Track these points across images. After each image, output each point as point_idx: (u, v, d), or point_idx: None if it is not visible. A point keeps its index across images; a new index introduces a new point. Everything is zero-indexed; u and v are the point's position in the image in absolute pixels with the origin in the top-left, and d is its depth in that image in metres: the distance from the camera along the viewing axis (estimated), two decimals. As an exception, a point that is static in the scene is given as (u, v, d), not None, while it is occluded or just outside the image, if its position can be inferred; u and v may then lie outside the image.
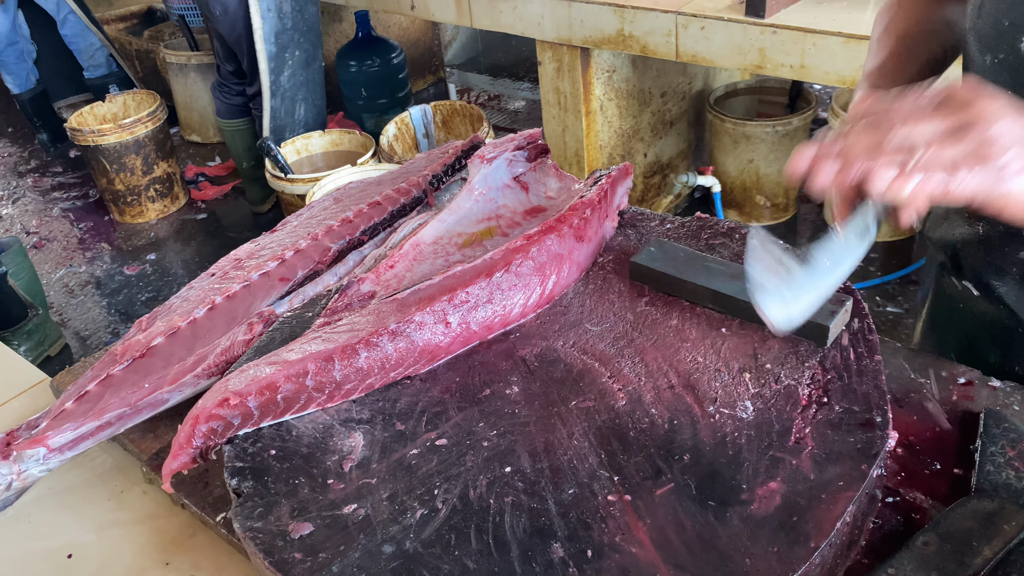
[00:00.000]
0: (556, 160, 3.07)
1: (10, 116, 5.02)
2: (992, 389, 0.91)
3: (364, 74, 3.96)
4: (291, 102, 3.19)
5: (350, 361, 0.87)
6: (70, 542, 0.91)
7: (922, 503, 0.80)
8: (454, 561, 0.71)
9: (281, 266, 1.09)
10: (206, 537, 0.90)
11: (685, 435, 0.81)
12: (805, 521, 0.71)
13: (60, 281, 3.51)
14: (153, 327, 1.05)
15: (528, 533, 0.73)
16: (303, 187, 2.99)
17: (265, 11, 2.93)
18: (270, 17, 2.96)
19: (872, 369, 0.85)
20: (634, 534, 0.72)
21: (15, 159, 4.60)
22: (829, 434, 0.79)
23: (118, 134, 3.58)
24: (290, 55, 3.09)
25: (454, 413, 0.86)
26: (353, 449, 0.83)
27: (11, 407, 1.11)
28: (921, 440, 0.86)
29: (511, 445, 0.82)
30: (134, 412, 0.95)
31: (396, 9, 3.24)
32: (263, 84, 3.08)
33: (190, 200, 3.99)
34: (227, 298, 1.05)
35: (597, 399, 0.86)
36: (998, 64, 0.88)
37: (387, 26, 4.47)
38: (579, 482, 0.77)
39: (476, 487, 0.77)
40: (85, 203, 4.08)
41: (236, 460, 0.82)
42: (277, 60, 3.05)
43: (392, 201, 1.18)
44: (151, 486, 0.97)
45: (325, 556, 0.72)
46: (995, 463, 0.80)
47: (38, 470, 0.92)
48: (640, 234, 1.11)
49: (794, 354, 0.89)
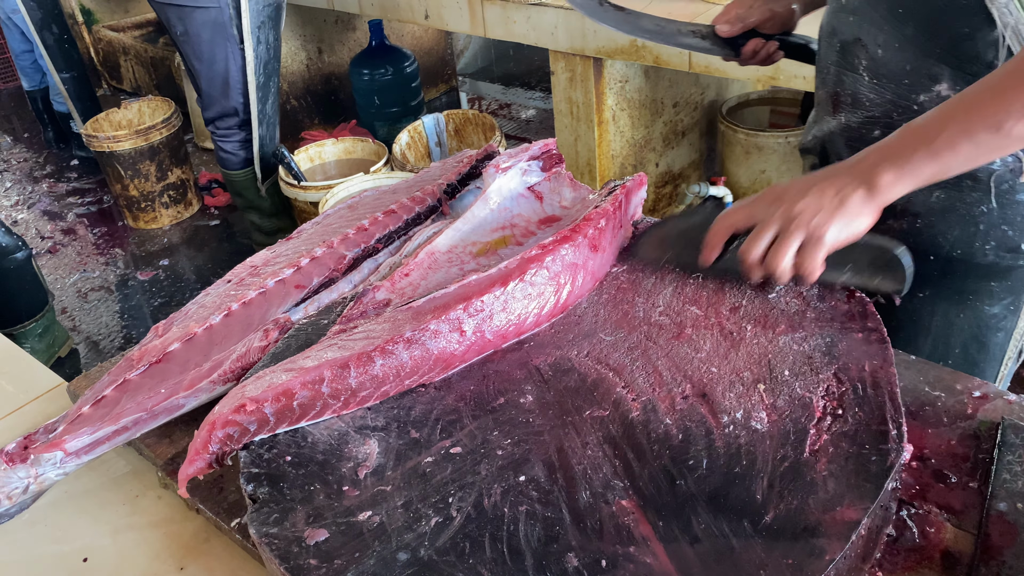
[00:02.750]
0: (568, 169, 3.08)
1: (25, 122, 5.06)
2: (1008, 403, 0.90)
3: (377, 82, 3.98)
4: (273, 128, 3.22)
5: (366, 368, 0.88)
6: (86, 546, 0.92)
7: (937, 516, 0.80)
8: (468, 569, 0.71)
9: (297, 273, 1.10)
10: (220, 542, 0.90)
11: (699, 446, 0.81)
12: (820, 533, 0.71)
13: (73, 286, 3.53)
14: (170, 333, 1.05)
15: (542, 542, 0.73)
16: (316, 194, 3.01)
17: (256, 44, 2.95)
18: (260, 50, 2.98)
19: (887, 381, 0.85)
20: (648, 544, 0.72)
21: (31, 164, 4.64)
22: (844, 446, 0.79)
23: (133, 140, 3.61)
24: (273, 84, 3.13)
25: (468, 421, 0.87)
26: (368, 456, 0.83)
27: (28, 411, 1.12)
28: (936, 453, 0.86)
29: (525, 454, 0.82)
30: (150, 417, 0.96)
31: (410, 18, 3.26)
32: (252, 115, 3.09)
33: (203, 206, 4.02)
34: (243, 305, 1.06)
35: (611, 409, 0.86)
36: None
37: (400, 35, 4.50)
38: (593, 492, 0.77)
39: (490, 495, 0.78)
40: (99, 208, 4.11)
41: (252, 466, 0.83)
42: (263, 90, 3.07)
43: (407, 210, 1.19)
44: (166, 491, 0.97)
45: (340, 563, 0.72)
46: (1012, 472, 0.80)
47: (55, 474, 0.93)
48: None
49: (808, 365, 0.89)
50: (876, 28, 1.05)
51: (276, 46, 3.09)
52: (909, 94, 1.05)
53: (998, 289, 1.13)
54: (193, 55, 3.02)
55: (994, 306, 1.14)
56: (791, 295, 0.99)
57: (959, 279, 1.12)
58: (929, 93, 1.04)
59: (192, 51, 3.01)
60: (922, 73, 1.03)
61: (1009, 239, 1.08)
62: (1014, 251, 1.08)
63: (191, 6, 2.88)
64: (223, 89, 3.05)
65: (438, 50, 4.74)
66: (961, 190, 1.06)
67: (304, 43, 4.23)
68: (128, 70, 4.99)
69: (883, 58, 1.06)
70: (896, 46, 1.04)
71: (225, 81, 3.03)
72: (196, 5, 2.87)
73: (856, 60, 1.09)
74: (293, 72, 4.22)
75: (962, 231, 1.08)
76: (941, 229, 1.09)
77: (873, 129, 1.10)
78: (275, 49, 3.08)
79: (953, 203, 1.08)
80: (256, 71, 3.00)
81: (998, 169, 1.03)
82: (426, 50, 4.65)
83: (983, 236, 1.08)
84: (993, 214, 1.07)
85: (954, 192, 1.06)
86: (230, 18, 2.89)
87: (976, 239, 1.08)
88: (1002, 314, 1.15)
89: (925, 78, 1.03)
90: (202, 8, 2.88)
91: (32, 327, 2.92)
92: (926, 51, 1.02)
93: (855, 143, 1.10)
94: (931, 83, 1.03)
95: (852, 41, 1.09)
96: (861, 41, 1.08)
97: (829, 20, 1.16)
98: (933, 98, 1.03)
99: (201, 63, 3.02)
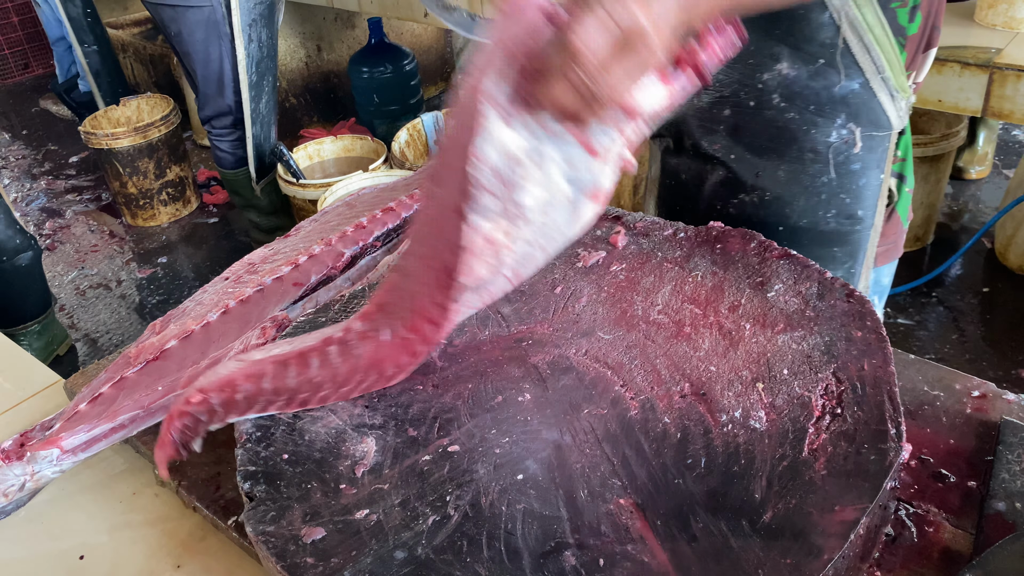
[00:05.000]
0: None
1: (25, 119, 5.06)
2: (1007, 403, 0.90)
3: (376, 80, 3.98)
4: (268, 127, 3.21)
5: (303, 370, 0.86)
6: (82, 543, 0.92)
7: (936, 516, 0.80)
8: (466, 568, 0.71)
9: (295, 271, 1.09)
10: (217, 540, 0.90)
11: (698, 444, 0.81)
12: (818, 533, 0.71)
13: (72, 283, 3.53)
14: (167, 330, 1.05)
15: (540, 541, 0.73)
16: (315, 192, 3.00)
17: (247, 42, 2.95)
18: (252, 48, 2.98)
19: (886, 381, 0.85)
20: (646, 543, 0.72)
21: (29, 161, 4.63)
22: (843, 445, 0.79)
23: (132, 138, 3.61)
24: (267, 82, 3.12)
25: (466, 420, 0.87)
26: (365, 454, 0.83)
27: (25, 408, 1.11)
28: (935, 452, 0.86)
29: (523, 452, 0.82)
30: (147, 415, 0.95)
31: (409, 16, 3.26)
32: (245, 114, 3.08)
33: (202, 204, 4.01)
34: (240, 302, 1.05)
35: (609, 407, 0.86)
36: None
37: (400, 33, 4.50)
38: (591, 490, 0.77)
39: (488, 494, 0.77)
40: (98, 206, 4.11)
41: (248, 464, 0.82)
42: (256, 88, 3.07)
43: (405, 207, 1.19)
44: (163, 489, 0.97)
45: (337, 561, 0.72)
46: (1011, 471, 0.80)
47: (51, 471, 0.93)
48: (653, 243, 1.11)
49: (807, 364, 0.88)
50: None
51: (270, 44, 3.08)
52: (754, 73, 1.12)
53: (840, 254, 1.22)
54: (188, 55, 3.02)
55: (837, 270, 1.23)
56: (790, 294, 0.98)
57: (806, 247, 1.18)
58: (771, 71, 1.11)
59: (187, 51, 3.01)
60: (765, 53, 1.10)
61: (848, 206, 1.18)
62: (852, 218, 1.19)
63: (184, 6, 2.88)
64: (218, 88, 3.05)
65: (438, 48, 4.74)
66: (804, 163, 1.15)
67: (303, 41, 4.23)
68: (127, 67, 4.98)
69: None
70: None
71: (220, 80, 3.02)
72: (189, 5, 2.87)
73: None
74: (292, 70, 4.21)
75: (807, 201, 1.17)
76: (787, 200, 1.18)
77: (724, 108, 1.16)
78: (269, 47, 3.08)
79: (797, 175, 1.16)
80: (248, 69, 2.99)
81: (835, 142, 1.13)
82: (425, 48, 4.65)
83: (825, 205, 1.17)
84: (832, 184, 1.16)
85: (798, 165, 1.15)
86: (223, 16, 2.89)
87: (819, 208, 1.18)
88: (844, 277, 1.23)
89: (767, 58, 1.10)
90: (195, 7, 2.88)
91: (32, 327, 2.91)
92: (768, 32, 1.08)
93: (707, 123, 1.18)
94: (773, 62, 1.10)
95: None
96: None
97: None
98: (775, 76, 1.11)
99: (196, 62, 3.02)
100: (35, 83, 5.56)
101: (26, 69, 5.63)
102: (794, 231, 1.19)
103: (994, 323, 2.77)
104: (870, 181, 1.17)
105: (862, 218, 1.19)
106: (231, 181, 3.31)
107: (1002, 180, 3.55)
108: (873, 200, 1.19)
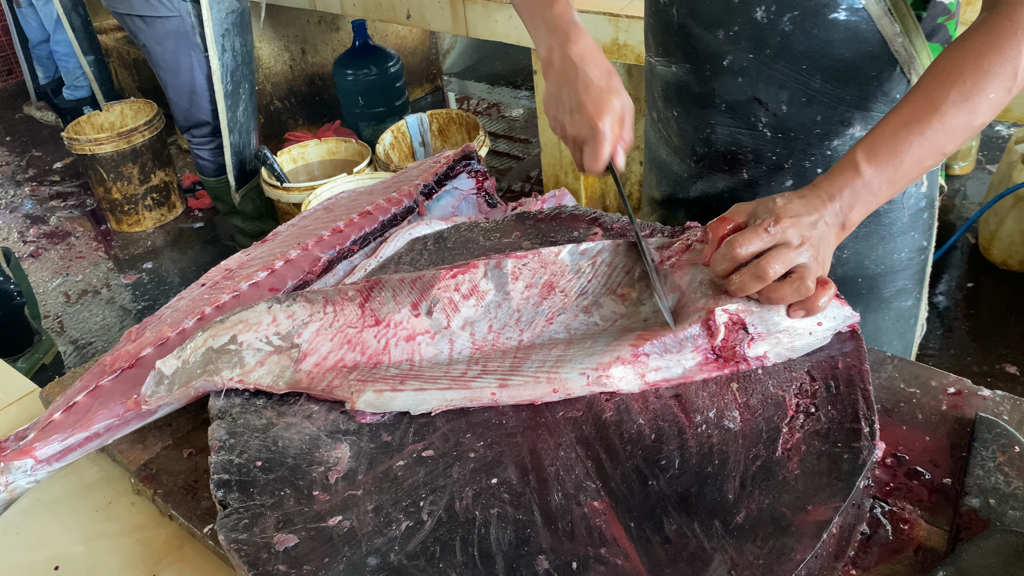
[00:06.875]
0: (553, 168, 3.08)
1: (9, 125, 5.03)
2: (982, 399, 0.90)
3: (361, 83, 3.97)
4: (247, 134, 3.19)
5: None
6: (57, 553, 0.91)
7: (911, 513, 0.80)
8: (439, 573, 0.70)
9: (271, 276, 1.09)
10: (193, 549, 0.90)
11: (672, 445, 0.81)
12: (791, 533, 0.71)
13: (57, 290, 3.51)
14: (143, 337, 1.05)
15: (513, 545, 0.72)
16: (299, 196, 2.99)
17: (221, 52, 2.93)
18: (226, 58, 2.96)
19: (860, 379, 0.85)
20: (619, 545, 0.71)
21: (12, 168, 4.60)
22: (816, 444, 0.79)
23: (115, 143, 3.59)
24: (243, 90, 3.10)
25: (441, 424, 0.86)
26: (339, 460, 0.83)
27: (1, 418, 1.11)
28: (910, 450, 0.86)
29: (498, 456, 0.81)
30: (122, 423, 0.95)
31: (392, 18, 3.25)
32: (222, 123, 3.06)
33: (187, 209, 4.00)
34: (216, 308, 1.05)
35: (585, 409, 0.86)
36: (733, 36, 1.05)
37: (384, 35, 4.49)
38: (565, 493, 0.77)
39: (462, 499, 0.77)
40: (82, 212, 4.08)
41: (222, 471, 0.82)
42: (232, 97, 3.05)
43: (383, 211, 1.18)
44: (139, 497, 0.96)
45: (309, 568, 0.72)
46: (985, 467, 0.80)
47: (26, 481, 0.92)
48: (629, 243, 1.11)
49: (782, 364, 0.88)
50: (776, 87, 1.07)
51: (244, 52, 3.06)
52: (822, 142, 1.10)
53: (909, 285, 1.22)
54: (158, 65, 3.01)
55: (908, 300, 1.24)
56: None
57: (883, 288, 1.20)
58: (842, 137, 1.09)
59: (157, 61, 3.00)
60: (834, 121, 1.08)
61: (915, 240, 1.19)
62: (920, 249, 1.21)
63: (152, 16, 2.86)
64: (190, 98, 3.03)
65: (423, 50, 4.73)
66: (878, 214, 1.14)
67: (287, 44, 4.21)
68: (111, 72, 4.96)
69: (788, 113, 1.08)
70: (804, 100, 1.07)
71: (192, 90, 3.01)
72: (156, 15, 2.85)
73: (754, 119, 1.11)
74: (276, 73, 4.20)
75: (883, 248, 1.17)
76: (866, 252, 1.17)
77: (784, 179, 1.15)
78: (243, 56, 3.06)
79: (875, 227, 1.16)
80: (223, 79, 2.98)
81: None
82: (410, 50, 4.64)
83: (899, 247, 1.18)
84: (904, 224, 1.17)
85: (873, 217, 1.13)
86: (192, 27, 2.87)
87: (894, 251, 1.18)
88: (914, 305, 1.25)
89: (837, 124, 1.08)
90: (163, 18, 2.85)
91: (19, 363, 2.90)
92: (838, 99, 1.06)
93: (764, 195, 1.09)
94: (843, 128, 1.08)
95: (746, 101, 1.10)
96: (759, 100, 1.09)
97: (702, 85, 1.13)
98: (847, 141, 1.09)
99: (167, 73, 3.00)
100: (18, 89, 5.51)
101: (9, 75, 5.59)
102: (872, 278, 1.19)
103: (979, 318, 2.78)
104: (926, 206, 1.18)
105: (927, 247, 1.21)
106: (213, 188, 3.30)
107: (986, 175, 3.56)
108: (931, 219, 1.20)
